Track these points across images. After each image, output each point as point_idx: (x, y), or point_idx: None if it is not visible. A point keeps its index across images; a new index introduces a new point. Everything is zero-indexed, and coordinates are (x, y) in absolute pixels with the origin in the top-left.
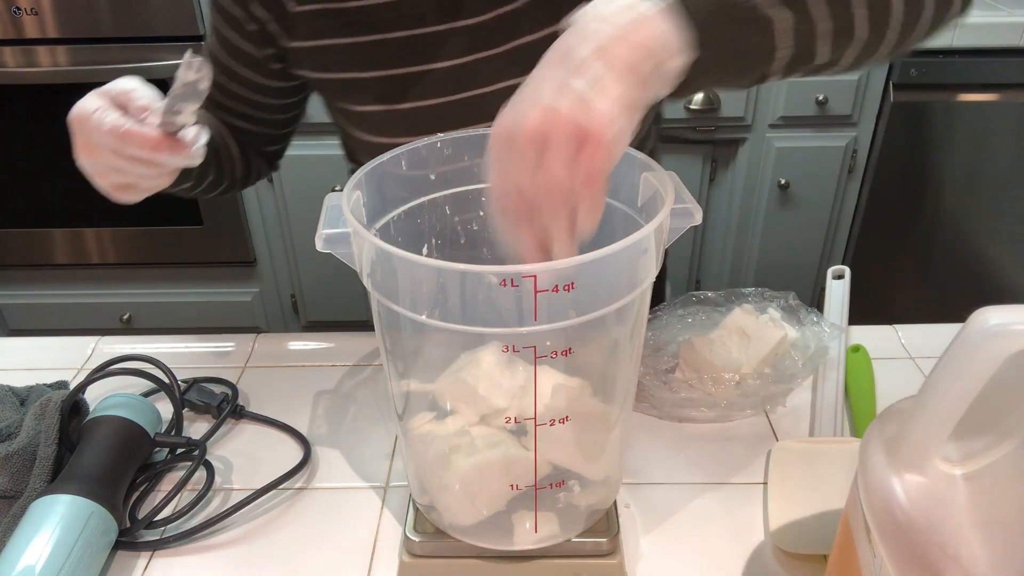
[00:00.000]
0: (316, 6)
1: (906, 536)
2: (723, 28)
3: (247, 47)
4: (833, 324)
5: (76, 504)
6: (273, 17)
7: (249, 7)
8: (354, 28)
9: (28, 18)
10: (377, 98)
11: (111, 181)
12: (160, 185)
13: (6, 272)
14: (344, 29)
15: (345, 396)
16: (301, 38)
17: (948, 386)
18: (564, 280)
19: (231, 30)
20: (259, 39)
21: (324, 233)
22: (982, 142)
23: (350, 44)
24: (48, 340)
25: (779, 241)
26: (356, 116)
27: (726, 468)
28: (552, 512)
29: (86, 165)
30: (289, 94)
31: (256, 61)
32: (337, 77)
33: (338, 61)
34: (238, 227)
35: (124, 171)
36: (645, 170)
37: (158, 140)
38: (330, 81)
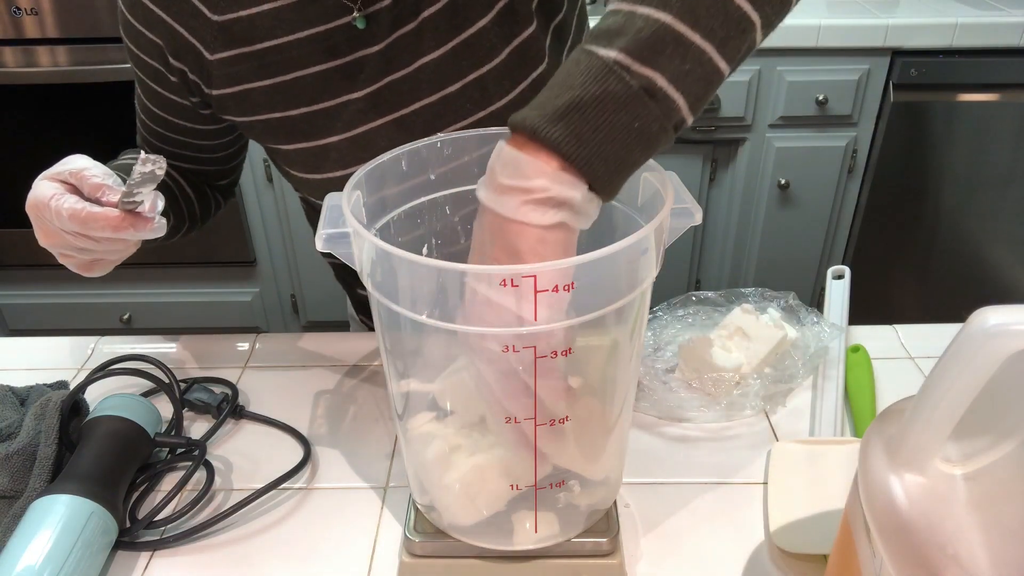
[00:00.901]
0: (231, 52)
1: (906, 536)
2: (597, 137)
3: (174, 97)
4: (833, 324)
5: (76, 504)
6: (191, 68)
7: (168, 60)
8: (270, 69)
9: (28, 18)
10: (303, 135)
11: (77, 261)
12: (127, 254)
13: (6, 272)
14: (261, 71)
15: (345, 396)
16: (221, 85)
17: (948, 386)
18: (564, 280)
19: (154, 84)
20: (183, 89)
21: (324, 233)
22: (982, 142)
23: (269, 86)
24: (48, 340)
25: (779, 241)
26: (286, 155)
27: (726, 468)
28: (552, 512)
29: (50, 248)
30: (226, 133)
31: (186, 108)
32: (261, 119)
33: (260, 103)
34: (238, 227)
35: (89, 250)
36: (645, 170)
37: (120, 219)
38: (256, 123)
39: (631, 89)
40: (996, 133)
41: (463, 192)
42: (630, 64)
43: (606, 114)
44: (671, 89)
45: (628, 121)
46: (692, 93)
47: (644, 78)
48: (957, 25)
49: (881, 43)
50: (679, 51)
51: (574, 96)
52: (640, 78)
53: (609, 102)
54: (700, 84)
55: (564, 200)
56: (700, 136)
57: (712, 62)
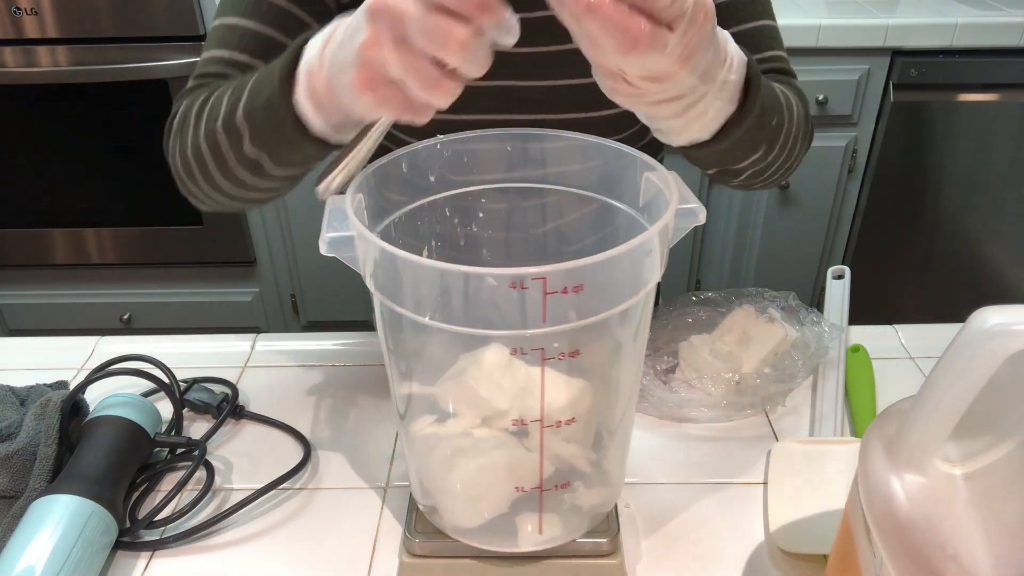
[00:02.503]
0: None
1: (906, 536)
2: (756, 122)
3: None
4: (833, 324)
5: (76, 504)
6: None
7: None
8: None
9: (28, 18)
10: None
11: (403, 99)
12: (476, 65)
13: (6, 272)
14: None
15: (345, 396)
16: None
17: (948, 386)
18: (573, 282)
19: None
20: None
21: (328, 237)
22: (982, 142)
23: None
24: (48, 340)
25: (779, 241)
26: None
27: (726, 468)
28: (556, 513)
29: (390, 71)
30: None
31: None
32: None
33: None
34: (238, 227)
35: (426, 72)
36: (647, 170)
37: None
38: None
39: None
40: (996, 133)
41: (462, 194)
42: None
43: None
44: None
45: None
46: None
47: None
48: (957, 25)
49: (881, 43)
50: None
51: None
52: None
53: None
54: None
55: None
56: None
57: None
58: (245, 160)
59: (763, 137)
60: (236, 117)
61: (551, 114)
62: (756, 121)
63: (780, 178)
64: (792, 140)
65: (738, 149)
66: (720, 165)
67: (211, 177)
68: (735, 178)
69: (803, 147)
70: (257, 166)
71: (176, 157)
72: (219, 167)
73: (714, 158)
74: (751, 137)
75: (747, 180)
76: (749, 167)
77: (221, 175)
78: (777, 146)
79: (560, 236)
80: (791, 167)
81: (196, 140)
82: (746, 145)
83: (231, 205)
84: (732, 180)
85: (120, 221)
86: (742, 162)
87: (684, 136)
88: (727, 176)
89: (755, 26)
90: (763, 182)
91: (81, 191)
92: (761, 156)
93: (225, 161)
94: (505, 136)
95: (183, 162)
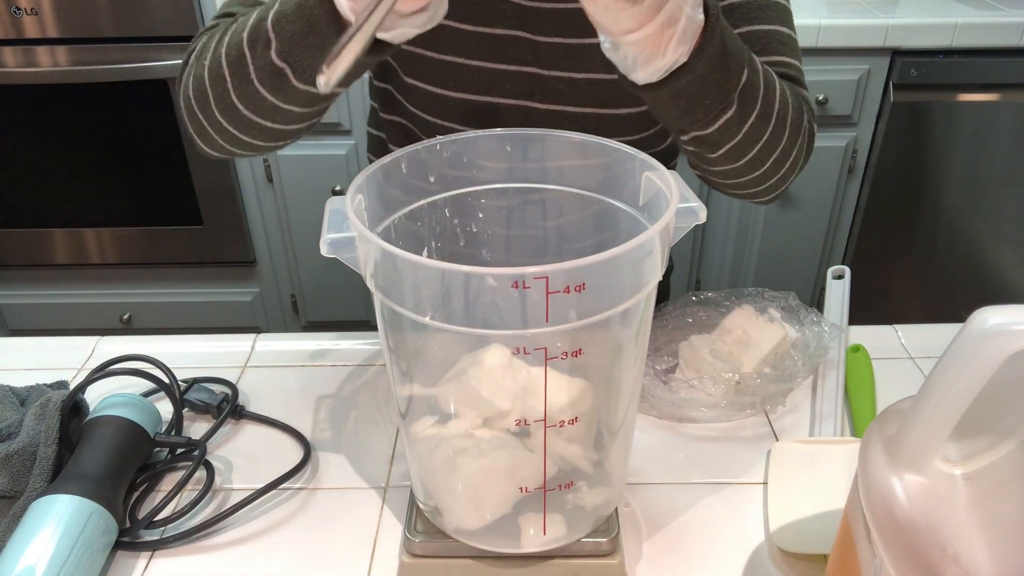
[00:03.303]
0: None
1: (906, 536)
2: (720, 61)
3: None
4: (833, 324)
5: (76, 504)
6: None
7: None
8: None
9: (28, 18)
10: (464, 50)
11: None
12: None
13: (6, 272)
14: None
15: (345, 396)
16: None
17: (948, 386)
18: (575, 281)
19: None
20: None
21: (328, 238)
22: (982, 142)
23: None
24: (48, 340)
25: (779, 241)
26: (428, 61)
27: (726, 468)
28: (560, 514)
29: None
30: None
31: None
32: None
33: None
34: (238, 227)
35: None
36: (647, 170)
37: None
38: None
39: None
40: (996, 133)
41: (462, 194)
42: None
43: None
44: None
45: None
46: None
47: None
48: (957, 25)
49: (881, 43)
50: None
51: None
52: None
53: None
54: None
55: None
56: None
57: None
58: (269, 71)
59: (731, 86)
60: (265, 25)
61: (571, 106)
62: (721, 60)
63: (769, 176)
64: (776, 119)
65: (706, 95)
66: (690, 121)
67: (227, 98)
68: (712, 151)
69: (796, 148)
70: (280, 80)
71: (190, 85)
72: (238, 84)
73: (682, 107)
74: (718, 82)
75: (728, 163)
76: (724, 134)
77: (237, 95)
78: (755, 111)
79: (560, 235)
80: (781, 167)
81: (216, 59)
82: (713, 91)
83: (238, 143)
84: (710, 156)
85: (120, 221)
86: (713, 120)
87: (651, 65)
88: (704, 149)
89: (767, 29)
90: (749, 174)
91: (81, 191)
92: (734, 117)
93: (247, 75)
94: (505, 136)
95: (197, 88)
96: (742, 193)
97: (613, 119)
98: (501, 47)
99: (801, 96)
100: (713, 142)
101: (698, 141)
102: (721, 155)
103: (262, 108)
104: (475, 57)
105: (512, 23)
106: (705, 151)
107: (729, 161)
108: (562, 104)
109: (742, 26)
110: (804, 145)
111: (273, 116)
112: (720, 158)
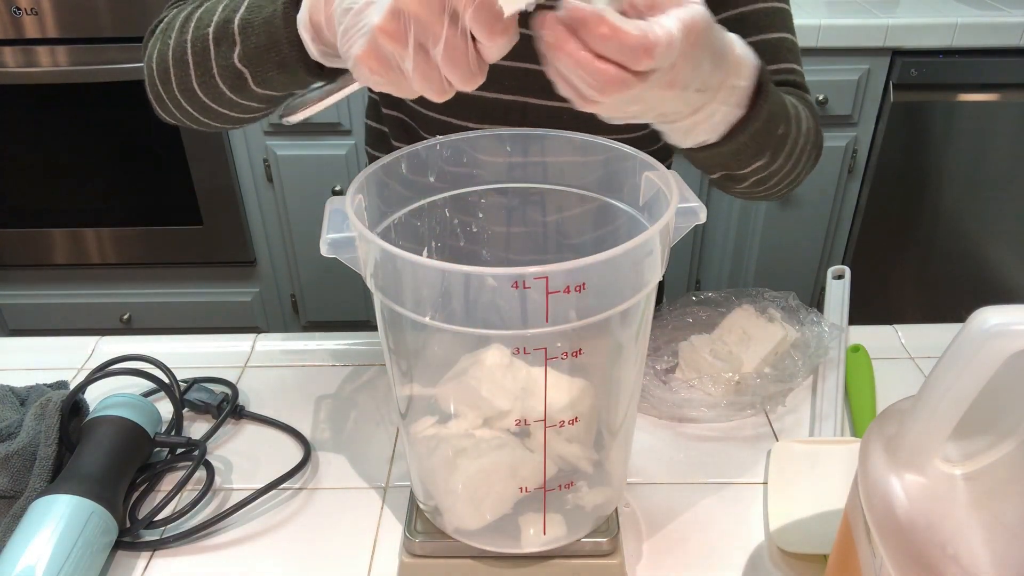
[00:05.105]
0: None
1: (906, 536)
2: (767, 114)
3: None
4: (833, 324)
5: (76, 504)
6: None
7: None
8: None
9: (28, 18)
10: None
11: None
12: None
13: (6, 272)
14: None
15: (345, 396)
16: None
17: (948, 386)
18: (575, 281)
19: None
20: None
21: (328, 238)
22: (982, 142)
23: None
24: (48, 340)
25: (779, 241)
26: None
27: (726, 468)
28: (560, 514)
29: (401, 63)
30: None
31: None
32: None
33: None
34: (238, 227)
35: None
36: (647, 170)
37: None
38: None
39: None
40: (996, 133)
41: (462, 194)
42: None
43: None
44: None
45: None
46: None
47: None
48: (957, 25)
49: (881, 43)
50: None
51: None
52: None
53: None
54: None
55: None
56: None
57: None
58: (230, 72)
59: (769, 144)
60: (231, 28)
61: (568, 103)
62: (763, 127)
63: (783, 189)
64: (798, 152)
65: (743, 154)
66: (724, 169)
67: (188, 83)
68: (738, 184)
69: (809, 162)
70: (240, 81)
71: (154, 58)
72: (200, 75)
73: (718, 161)
74: (757, 143)
75: (750, 188)
76: (752, 174)
77: (199, 84)
78: (782, 155)
79: (560, 232)
80: (795, 180)
81: (181, 44)
82: (751, 150)
83: (195, 120)
84: (735, 187)
85: (120, 221)
86: (746, 167)
87: (690, 138)
88: (730, 182)
89: (775, 38)
90: (765, 191)
91: (81, 191)
92: (765, 163)
93: (209, 69)
94: (505, 136)
95: (161, 65)
96: (750, 199)
97: None
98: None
99: (810, 108)
100: (741, 179)
101: (727, 178)
102: (745, 184)
103: (222, 100)
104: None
105: None
106: (731, 183)
107: (751, 187)
108: (559, 101)
109: (753, 35)
110: (815, 156)
111: (232, 107)
112: (744, 187)
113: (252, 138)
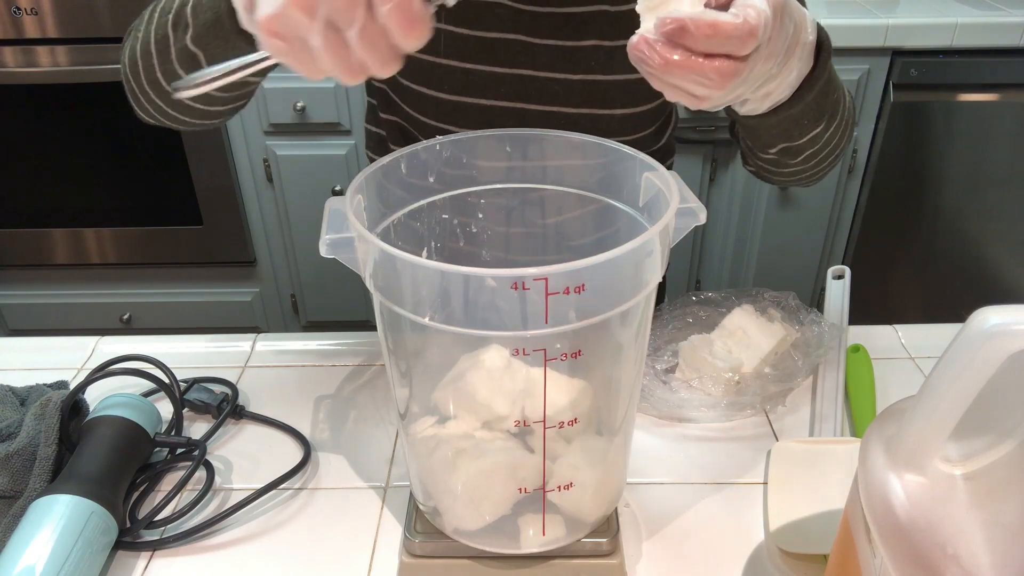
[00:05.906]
0: None
1: (906, 536)
2: (824, 88)
3: None
4: (833, 324)
5: (76, 504)
6: None
7: None
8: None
9: (28, 18)
10: (459, 53)
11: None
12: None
13: (6, 272)
14: None
15: (345, 396)
16: None
17: (948, 386)
18: (574, 282)
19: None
20: None
21: (327, 239)
22: (982, 142)
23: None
24: (48, 340)
25: (779, 241)
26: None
27: (726, 468)
28: (559, 515)
29: (308, 38)
30: None
31: None
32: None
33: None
34: (238, 227)
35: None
36: (647, 170)
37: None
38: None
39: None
40: (996, 133)
41: (461, 195)
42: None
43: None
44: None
45: None
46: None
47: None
48: (957, 25)
49: (881, 43)
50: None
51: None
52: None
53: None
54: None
55: None
56: (700, 136)
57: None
58: (185, 55)
59: (826, 107)
60: (186, 11)
61: (566, 107)
62: (825, 86)
63: (827, 167)
64: (844, 122)
65: (807, 115)
66: (786, 140)
67: (152, 74)
68: (792, 160)
69: (847, 136)
70: (194, 64)
71: (126, 55)
72: (162, 63)
73: (783, 128)
74: (818, 103)
75: (801, 164)
76: (809, 144)
77: (162, 72)
78: (835, 122)
79: (560, 233)
80: (838, 155)
81: (147, 36)
82: (813, 113)
83: (169, 116)
84: (789, 163)
85: (120, 221)
86: (805, 135)
87: (768, 100)
88: (786, 157)
89: None
90: (813, 168)
91: (81, 191)
92: (821, 131)
93: (169, 56)
94: (505, 136)
95: (131, 59)
96: (792, 182)
97: (608, 119)
98: (497, 50)
99: None
100: (797, 151)
101: (784, 151)
102: (799, 160)
103: None
104: (470, 60)
105: (508, 26)
106: (786, 158)
107: (802, 163)
108: (557, 106)
109: None
110: (851, 132)
111: (193, 97)
112: (797, 162)
113: (252, 138)
